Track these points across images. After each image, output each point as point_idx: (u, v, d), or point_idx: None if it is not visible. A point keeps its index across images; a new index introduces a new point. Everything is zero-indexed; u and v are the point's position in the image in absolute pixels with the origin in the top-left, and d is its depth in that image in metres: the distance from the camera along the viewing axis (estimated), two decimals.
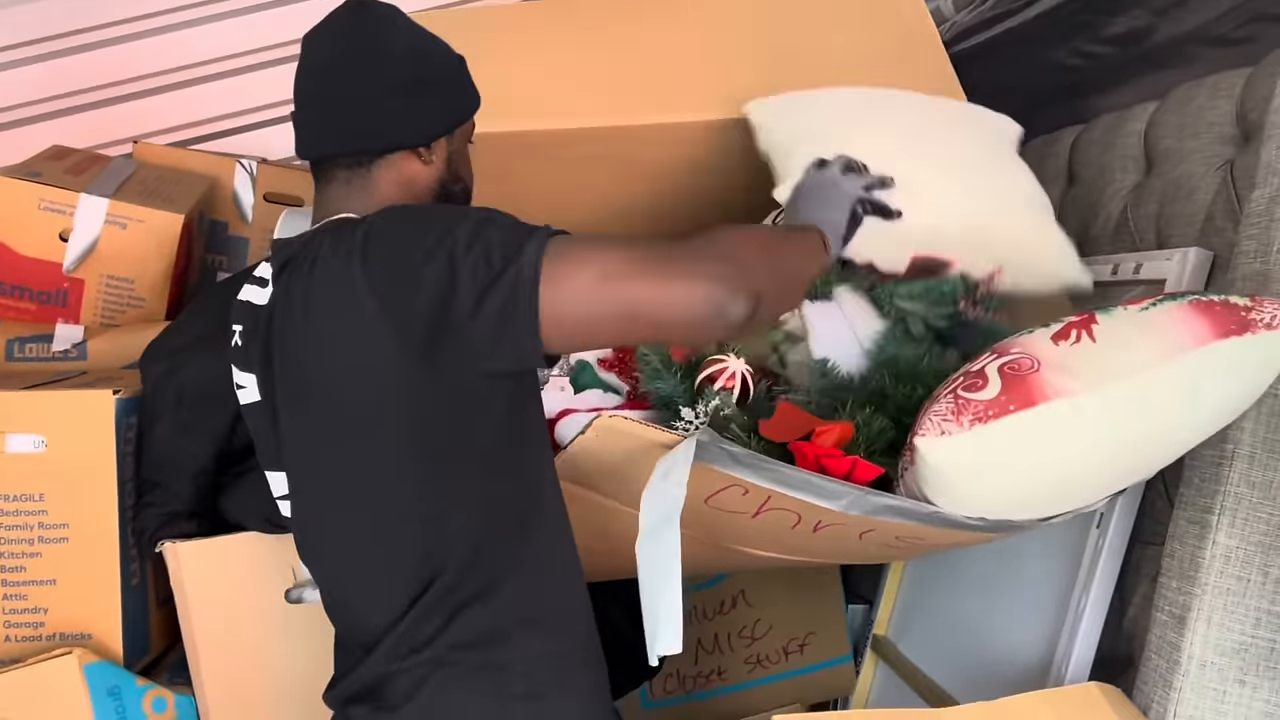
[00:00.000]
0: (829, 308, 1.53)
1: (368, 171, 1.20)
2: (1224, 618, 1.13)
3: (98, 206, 1.90)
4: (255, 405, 1.25)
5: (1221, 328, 1.10)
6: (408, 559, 1.13)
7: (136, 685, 1.46)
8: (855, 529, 1.29)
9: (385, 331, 1.06)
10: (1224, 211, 1.43)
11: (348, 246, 1.10)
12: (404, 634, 1.13)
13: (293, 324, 1.15)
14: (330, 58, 1.21)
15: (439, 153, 1.24)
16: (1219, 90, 1.54)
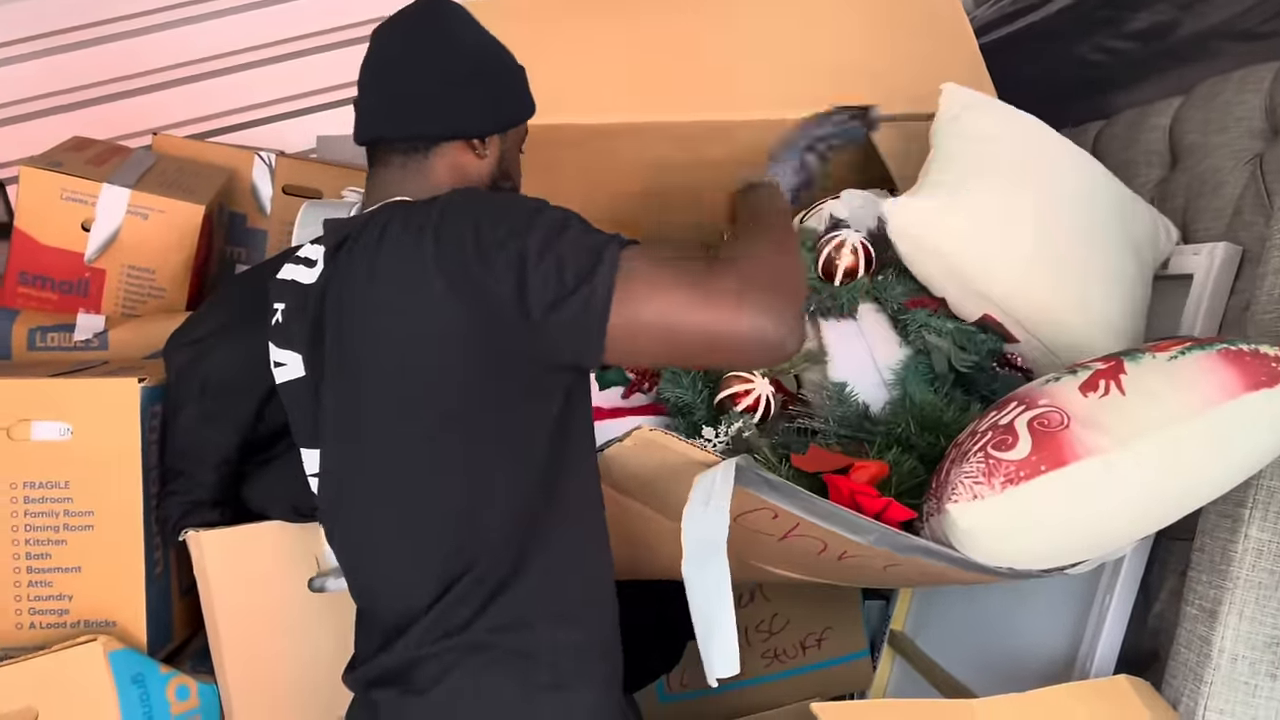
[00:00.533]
0: (849, 327, 1.53)
1: (424, 157, 1.25)
2: (1256, 611, 1.12)
3: (120, 197, 1.91)
4: (297, 382, 1.26)
5: (1251, 379, 1.10)
6: (444, 543, 1.13)
7: (160, 673, 1.46)
8: (880, 562, 1.30)
9: (451, 312, 1.08)
10: (1253, 205, 1.43)
11: (420, 223, 1.11)
12: (436, 619, 1.13)
13: (352, 295, 1.16)
14: (397, 47, 1.27)
15: (492, 148, 1.28)
16: (1246, 84, 1.54)
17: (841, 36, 1.83)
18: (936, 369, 1.46)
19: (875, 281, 1.51)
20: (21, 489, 1.45)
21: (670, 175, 1.81)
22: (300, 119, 2.76)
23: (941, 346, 1.48)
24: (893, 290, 1.50)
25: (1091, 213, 1.48)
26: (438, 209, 1.12)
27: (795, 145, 1.54)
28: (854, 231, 1.53)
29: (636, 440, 1.20)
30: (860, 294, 1.52)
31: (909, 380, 1.47)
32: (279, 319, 1.28)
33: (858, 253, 1.51)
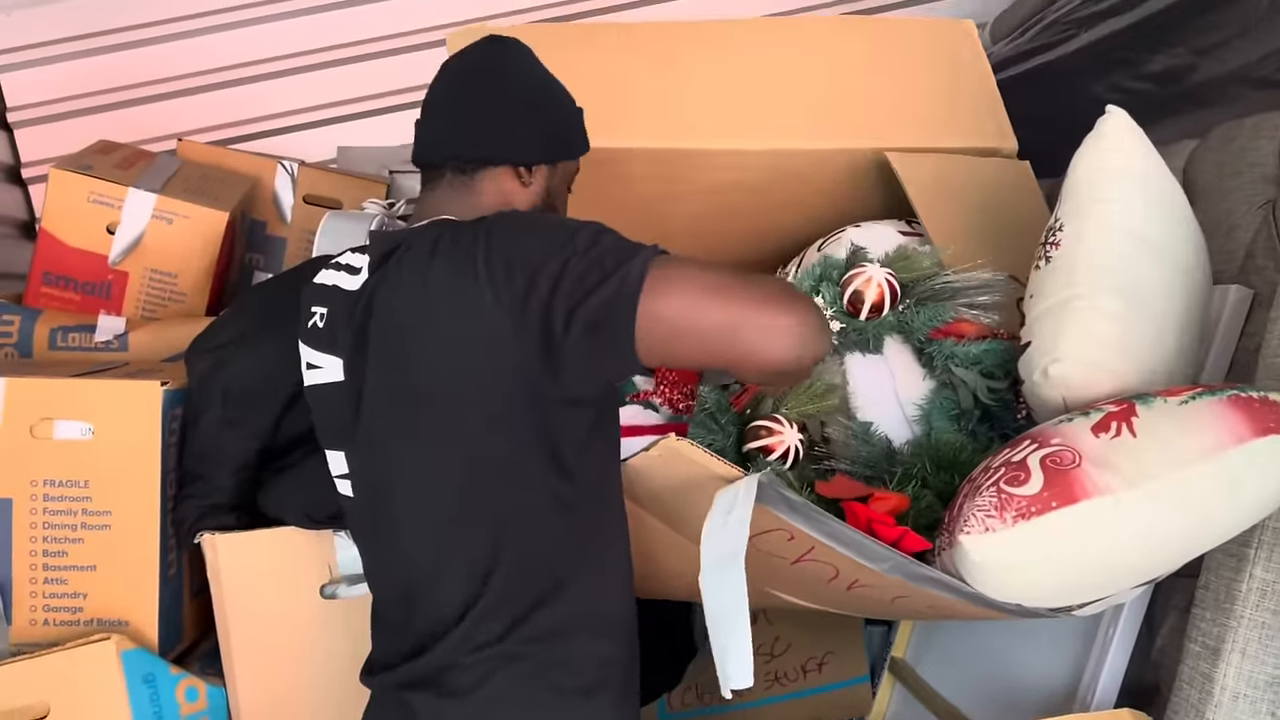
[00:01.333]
0: (875, 362, 1.54)
1: (471, 180, 1.31)
2: (1259, 650, 1.14)
3: (146, 201, 1.93)
4: (332, 385, 1.28)
5: (1260, 425, 1.12)
6: (484, 547, 1.17)
7: (170, 674, 1.47)
8: (890, 593, 1.31)
9: (499, 322, 1.12)
10: (1265, 250, 1.45)
11: (471, 236, 1.17)
12: (475, 626, 1.16)
13: (404, 301, 1.20)
14: (460, 77, 1.34)
15: (538, 179, 1.34)
16: (1260, 130, 1.57)
17: (863, 72, 1.86)
18: (962, 404, 1.47)
19: (899, 313, 1.52)
20: (42, 486, 1.47)
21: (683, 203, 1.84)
22: (322, 129, 2.80)
23: (967, 380, 1.49)
24: (917, 320, 1.51)
25: (1199, 301, 1.40)
26: (485, 227, 1.17)
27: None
28: (879, 265, 1.54)
29: (663, 450, 1.21)
30: (886, 328, 1.53)
31: (934, 415, 1.48)
32: (318, 323, 1.30)
33: (883, 288, 1.51)
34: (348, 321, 1.26)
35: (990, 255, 1.61)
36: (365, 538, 1.29)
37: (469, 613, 1.16)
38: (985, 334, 1.50)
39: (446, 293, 1.16)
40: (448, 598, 1.18)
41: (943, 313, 1.50)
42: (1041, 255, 1.39)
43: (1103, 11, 2.06)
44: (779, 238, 1.87)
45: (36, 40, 2.70)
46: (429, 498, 1.20)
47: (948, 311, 1.51)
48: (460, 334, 1.15)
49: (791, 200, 1.86)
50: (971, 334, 1.50)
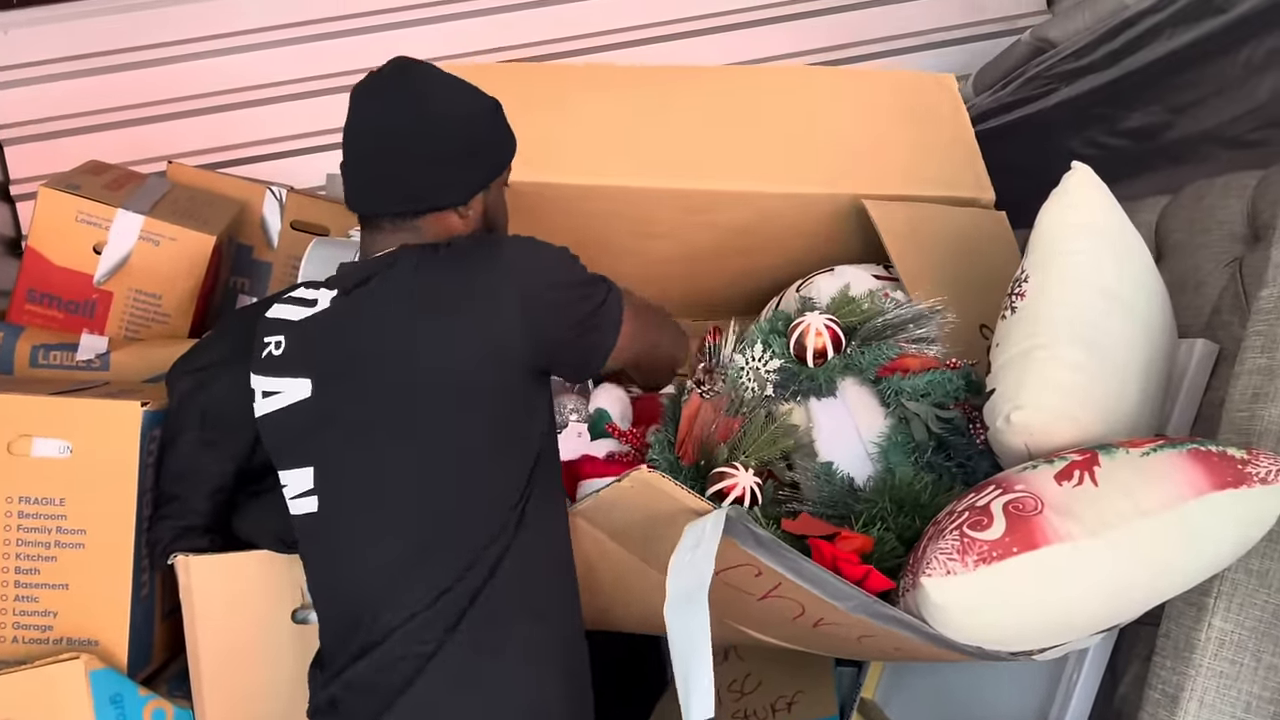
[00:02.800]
0: (834, 404, 1.56)
1: (412, 224, 1.38)
2: (1216, 699, 1.16)
3: (133, 222, 1.95)
4: (296, 405, 1.35)
5: (1218, 479, 1.14)
6: (443, 544, 1.27)
7: (139, 695, 1.47)
8: (855, 631, 1.33)
9: (514, 336, 1.29)
10: (1231, 306, 1.48)
11: (457, 255, 1.32)
12: (426, 621, 1.25)
13: (384, 317, 1.31)
14: (378, 124, 1.36)
15: (475, 207, 1.41)
16: (1231, 189, 1.60)
17: (844, 120, 1.89)
18: (916, 437, 1.50)
19: (846, 356, 1.55)
20: (17, 503, 1.47)
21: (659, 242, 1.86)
22: (311, 156, 2.82)
23: (920, 412, 1.52)
24: (864, 361, 1.54)
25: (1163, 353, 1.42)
26: (492, 248, 1.33)
27: None
28: (818, 314, 1.58)
29: (635, 481, 1.23)
30: (836, 372, 1.56)
31: (890, 452, 1.51)
32: (273, 351, 1.37)
33: (823, 334, 1.55)
34: (314, 343, 1.35)
35: (963, 302, 1.64)
36: (324, 551, 1.35)
37: (415, 617, 1.25)
38: (929, 366, 1.53)
39: (432, 311, 1.29)
40: (396, 606, 1.27)
41: (887, 350, 1.54)
42: (1008, 305, 1.42)
43: (1083, 68, 2.11)
44: (759, 279, 1.90)
45: (31, 59, 2.72)
46: (376, 511, 1.30)
47: (891, 349, 1.54)
48: (449, 344, 1.27)
49: (771, 243, 1.88)
50: (915, 367, 1.53)
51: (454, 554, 1.27)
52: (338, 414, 1.33)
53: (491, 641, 1.26)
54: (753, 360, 1.58)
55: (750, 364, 1.58)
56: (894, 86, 1.99)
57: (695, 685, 1.10)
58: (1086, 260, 1.37)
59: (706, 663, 1.10)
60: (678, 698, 1.12)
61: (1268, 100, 1.65)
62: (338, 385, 1.33)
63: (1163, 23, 1.84)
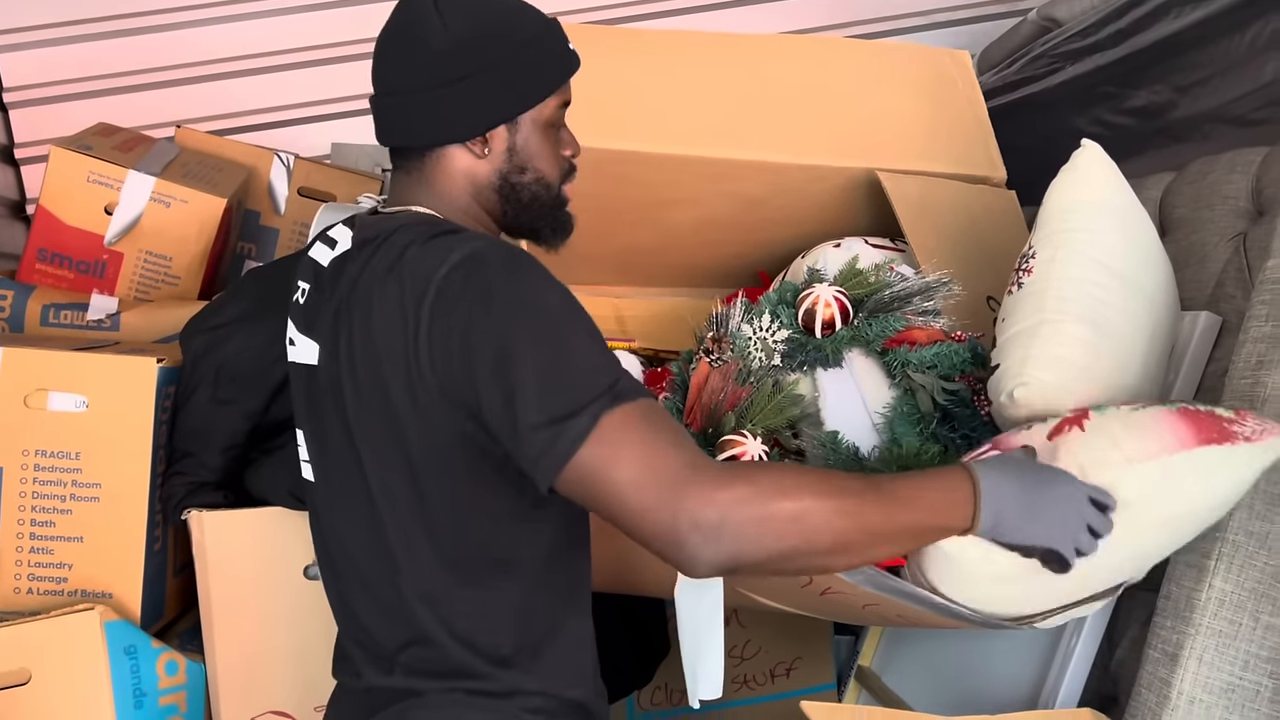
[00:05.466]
0: (841, 374, 1.58)
1: (420, 165, 1.22)
2: (1215, 658, 1.18)
3: (145, 184, 1.95)
4: (305, 368, 1.25)
5: (1204, 435, 1.15)
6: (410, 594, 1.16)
7: (152, 647, 1.49)
8: (861, 600, 1.34)
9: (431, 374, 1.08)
10: (1235, 279, 1.51)
11: (422, 284, 1.09)
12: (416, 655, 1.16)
13: (369, 303, 1.14)
14: (378, 48, 1.22)
15: (497, 144, 1.20)
16: (1236, 166, 1.63)
17: (861, 93, 1.90)
18: (922, 408, 1.52)
19: (854, 328, 1.57)
20: (33, 456, 1.48)
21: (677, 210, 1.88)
22: (318, 125, 2.83)
23: (925, 384, 1.54)
24: (871, 332, 1.56)
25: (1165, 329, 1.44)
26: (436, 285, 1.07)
27: None
28: (827, 285, 1.59)
29: None
30: (843, 343, 1.58)
31: (895, 422, 1.53)
32: (299, 299, 1.26)
33: (831, 305, 1.56)
34: (322, 305, 1.21)
35: (971, 276, 1.66)
36: (317, 523, 1.28)
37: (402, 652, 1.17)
38: (936, 338, 1.55)
39: (398, 305, 1.10)
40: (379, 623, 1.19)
41: (894, 323, 1.56)
42: (1014, 281, 1.43)
43: (1088, 47, 2.12)
44: (773, 249, 1.91)
45: (37, 22, 2.72)
46: (354, 510, 1.19)
47: (898, 321, 1.56)
48: (400, 349, 1.10)
49: (785, 214, 1.90)
50: (923, 340, 1.55)
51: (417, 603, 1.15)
52: (333, 395, 1.19)
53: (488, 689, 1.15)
54: (760, 330, 1.60)
55: (758, 334, 1.60)
56: (911, 60, 2.00)
57: (704, 666, 1.12)
58: (1094, 238, 1.38)
59: (717, 644, 1.11)
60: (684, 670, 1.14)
61: (1273, 79, 1.67)
62: (334, 363, 1.19)
63: (1169, 1, 1.86)
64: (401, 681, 1.18)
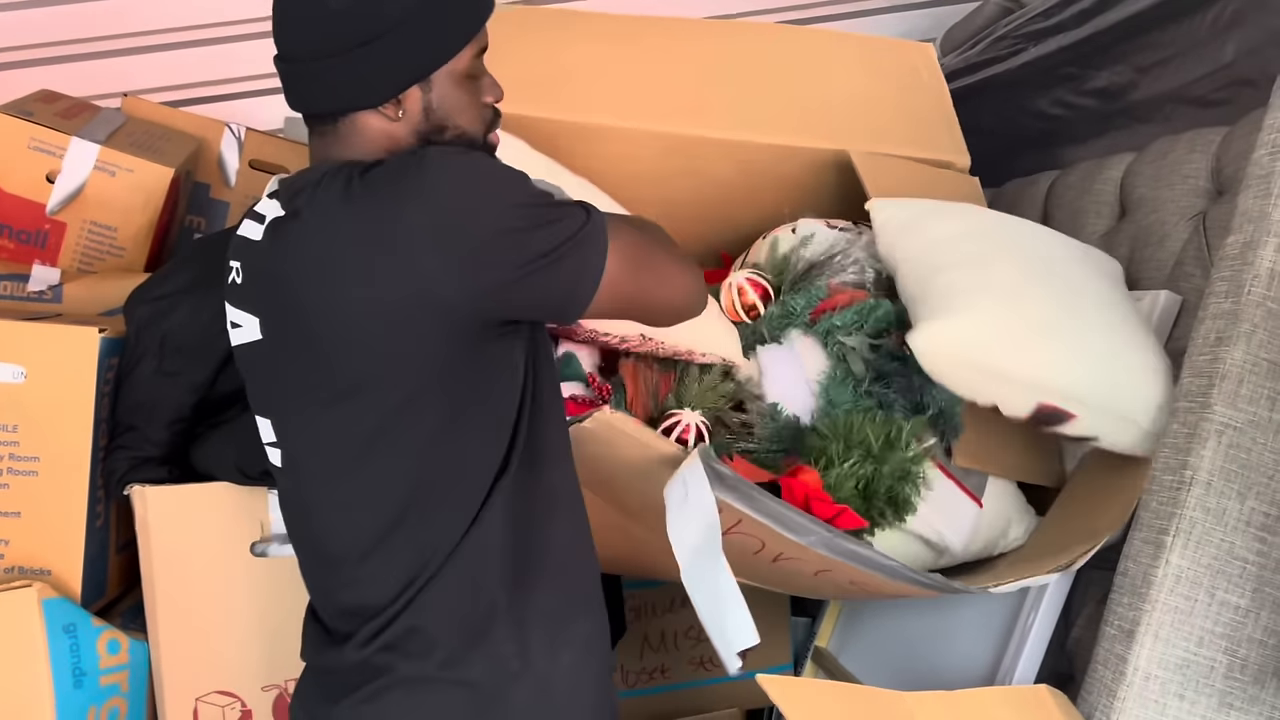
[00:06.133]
0: (782, 351, 1.59)
1: (335, 130, 1.16)
2: (1170, 634, 1.18)
3: (88, 151, 1.89)
4: (252, 345, 1.21)
5: None
6: (408, 532, 1.14)
7: (93, 625, 1.45)
8: (812, 566, 1.35)
9: (432, 282, 1.06)
10: (1194, 258, 1.51)
11: (393, 188, 1.08)
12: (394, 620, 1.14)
13: (313, 257, 1.11)
14: (277, 10, 1.15)
15: (411, 105, 1.14)
16: (1196, 145, 1.63)
17: (828, 78, 1.90)
18: (854, 370, 1.52)
19: (783, 304, 1.57)
20: None
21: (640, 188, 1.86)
22: (271, 98, 2.74)
23: (854, 345, 1.54)
24: (796, 305, 1.55)
25: (1065, 266, 1.53)
26: (417, 175, 1.08)
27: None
28: (740, 271, 1.60)
29: (597, 422, 1.23)
30: (776, 323, 1.57)
31: (830, 388, 1.54)
32: (236, 278, 1.22)
33: (746, 289, 1.57)
34: (258, 275, 1.17)
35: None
36: (293, 507, 1.25)
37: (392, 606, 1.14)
38: (858, 298, 1.56)
39: (365, 252, 1.08)
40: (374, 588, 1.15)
41: (816, 292, 1.56)
42: None
43: (1051, 27, 2.12)
44: (737, 230, 1.90)
45: None
46: (337, 481, 1.16)
47: (821, 290, 1.56)
48: (382, 298, 1.08)
49: (748, 195, 1.89)
50: (844, 302, 1.56)
51: (415, 540, 1.14)
52: (284, 365, 1.17)
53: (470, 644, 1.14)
54: None
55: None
56: (876, 50, 2.02)
57: (732, 630, 1.11)
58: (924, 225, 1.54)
59: (737, 597, 1.10)
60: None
61: (1233, 59, 1.67)
62: (281, 331, 1.16)
63: None
64: (380, 658, 1.15)
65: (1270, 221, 1.20)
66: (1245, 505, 1.18)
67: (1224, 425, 1.19)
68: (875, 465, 1.44)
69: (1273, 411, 1.19)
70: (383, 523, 1.15)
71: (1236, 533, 1.18)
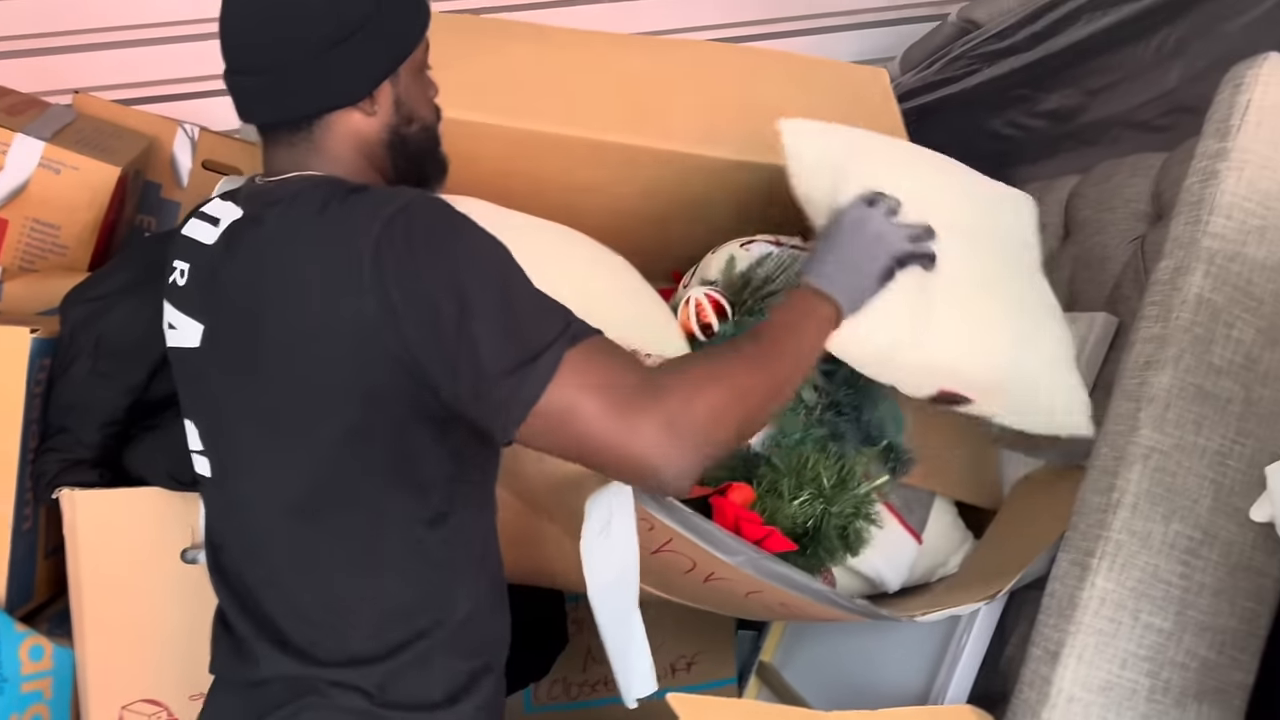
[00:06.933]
0: None
1: (309, 134, 1.14)
2: (1094, 656, 1.19)
3: (32, 148, 1.87)
4: (189, 351, 1.19)
5: None
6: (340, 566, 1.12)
7: (15, 631, 1.42)
8: (743, 587, 1.34)
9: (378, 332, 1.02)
10: (1131, 281, 1.52)
11: (353, 226, 1.04)
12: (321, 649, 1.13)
13: (256, 272, 1.09)
14: (242, 15, 1.13)
15: (383, 99, 1.16)
16: (1138, 170, 1.64)
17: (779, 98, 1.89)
18: (805, 398, 1.52)
19: (736, 323, 1.56)
20: None
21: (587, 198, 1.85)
22: (226, 99, 2.73)
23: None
24: (751, 325, 1.55)
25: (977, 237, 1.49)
26: (381, 223, 1.02)
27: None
28: (699, 287, 1.58)
29: None
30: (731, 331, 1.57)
31: (781, 415, 1.52)
32: (178, 280, 1.20)
33: (704, 305, 1.55)
34: (208, 279, 1.15)
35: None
36: (217, 517, 1.23)
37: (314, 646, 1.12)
38: None
39: (315, 284, 1.04)
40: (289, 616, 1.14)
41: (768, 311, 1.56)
42: None
43: (1005, 49, 2.14)
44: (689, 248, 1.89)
45: None
46: (273, 500, 1.13)
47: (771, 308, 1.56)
48: (331, 313, 1.04)
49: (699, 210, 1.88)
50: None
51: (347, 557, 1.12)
52: (222, 373, 1.14)
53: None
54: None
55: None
56: (830, 73, 2.01)
57: (634, 665, 1.10)
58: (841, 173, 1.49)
59: (640, 638, 1.09)
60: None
61: (1176, 86, 1.70)
62: (224, 338, 1.13)
63: (1082, 7, 1.88)
64: (302, 671, 1.13)
65: (1199, 248, 1.21)
66: (1170, 529, 1.19)
67: (1150, 449, 1.20)
68: (825, 505, 1.43)
69: (1198, 436, 1.20)
70: (314, 537, 1.13)
71: (1161, 556, 1.19)
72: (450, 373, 1.01)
